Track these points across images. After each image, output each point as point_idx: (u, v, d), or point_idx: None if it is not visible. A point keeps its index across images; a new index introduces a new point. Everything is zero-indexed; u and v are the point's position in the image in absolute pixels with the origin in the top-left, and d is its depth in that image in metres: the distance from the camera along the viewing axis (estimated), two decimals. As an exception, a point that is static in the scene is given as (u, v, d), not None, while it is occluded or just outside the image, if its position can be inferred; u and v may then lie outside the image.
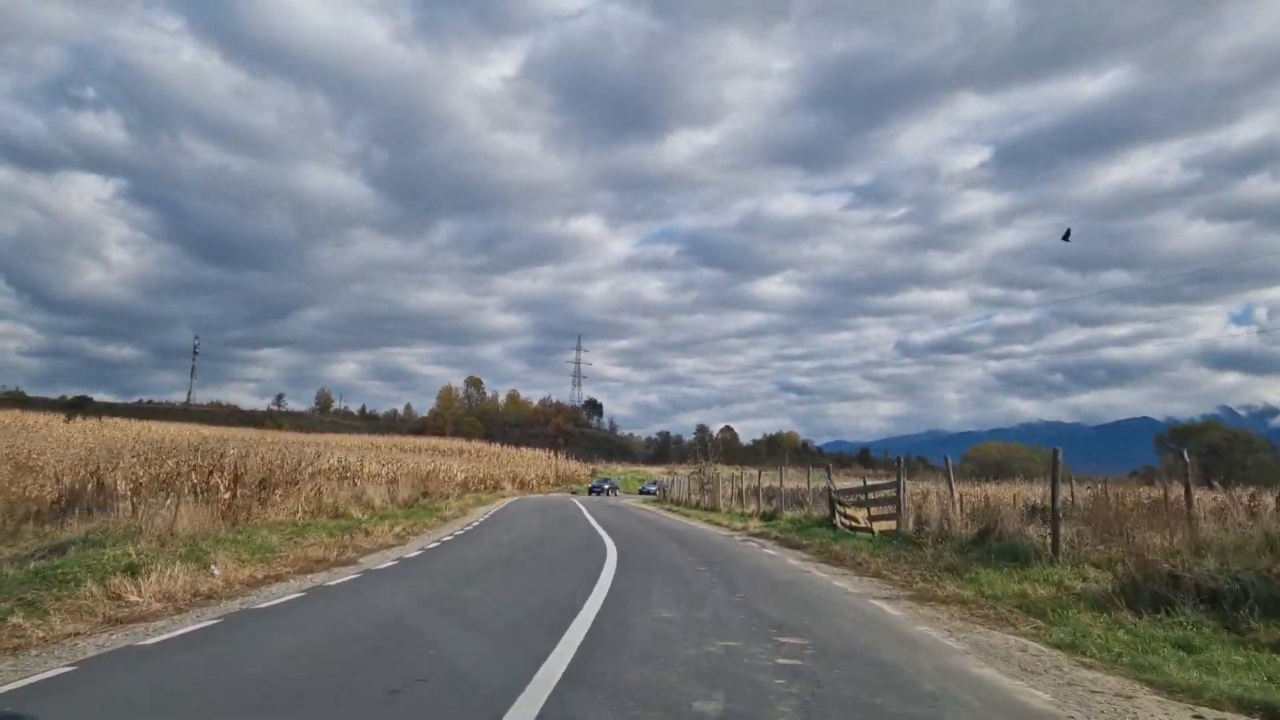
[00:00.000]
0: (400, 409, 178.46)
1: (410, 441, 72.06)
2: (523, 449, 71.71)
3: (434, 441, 69.63)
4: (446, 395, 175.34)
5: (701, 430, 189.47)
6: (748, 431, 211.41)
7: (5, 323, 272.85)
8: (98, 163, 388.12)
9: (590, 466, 78.31)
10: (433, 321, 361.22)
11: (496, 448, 70.93)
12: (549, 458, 68.59)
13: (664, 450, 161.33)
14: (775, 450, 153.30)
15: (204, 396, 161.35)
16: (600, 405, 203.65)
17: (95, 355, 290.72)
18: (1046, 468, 15.43)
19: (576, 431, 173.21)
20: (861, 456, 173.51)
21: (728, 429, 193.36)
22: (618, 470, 76.55)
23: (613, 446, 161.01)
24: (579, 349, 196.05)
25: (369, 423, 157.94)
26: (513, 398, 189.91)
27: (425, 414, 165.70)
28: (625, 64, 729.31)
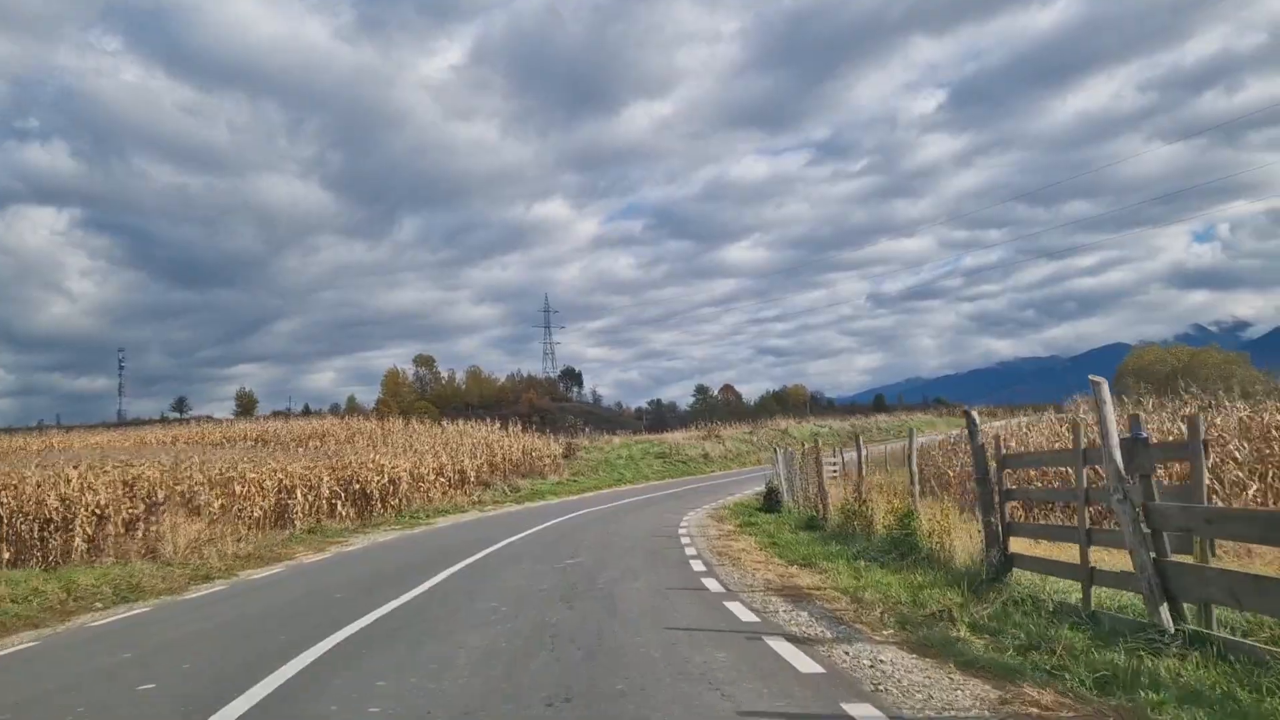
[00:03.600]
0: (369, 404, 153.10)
1: (251, 427, 46.95)
2: (475, 424, 47.05)
3: (298, 425, 44.29)
4: (392, 380, 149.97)
5: (702, 391, 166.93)
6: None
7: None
8: (50, 194, 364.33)
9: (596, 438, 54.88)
10: (406, 321, 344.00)
11: (424, 426, 46.04)
12: (515, 436, 43.65)
13: (660, 418, 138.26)
14: (784, 406, 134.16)
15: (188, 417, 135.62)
16: (579, 375, 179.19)
17: (68, 389, 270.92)
18: None
19: (555, 407, 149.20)
20: (877, 403, 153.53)
21: (728, 388, 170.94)
22: (615, 443, 51.27)
23: (599, 419, 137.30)
24: (547, 311, 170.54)
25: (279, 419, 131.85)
26: (474, 375, 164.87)
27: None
28: (575, 40, 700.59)
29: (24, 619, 10.80)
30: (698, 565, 12.74)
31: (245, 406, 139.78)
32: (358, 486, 26.46)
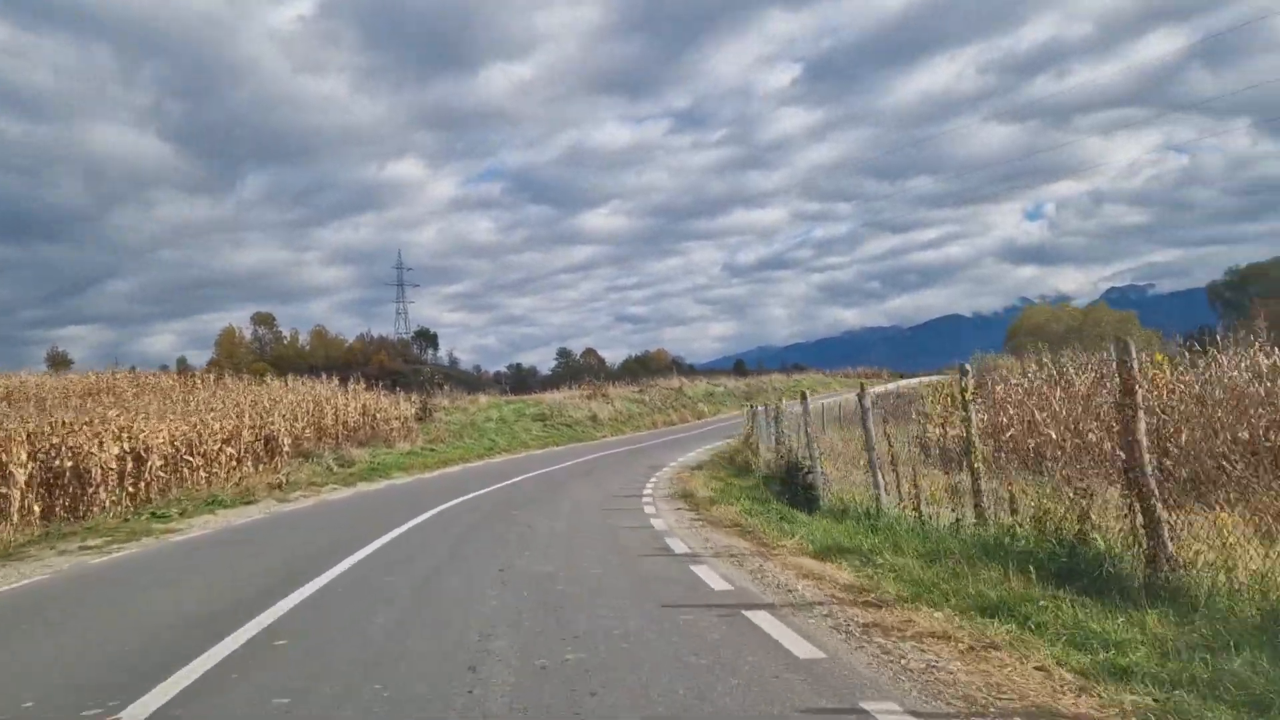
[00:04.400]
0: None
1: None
2: (305, 381, 36.27)
3: (72, 381, 32.61)
4: (228, 339, 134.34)
5: (564, 355, 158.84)
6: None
7: None
8: None
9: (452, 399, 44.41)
10: (253, 282, 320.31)
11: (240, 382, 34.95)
12: (354, 394, 33.07)
13: (522, 382, 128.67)
14: (647, 370, 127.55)
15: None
16: (435, 336, 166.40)
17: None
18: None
19: (408, 369, 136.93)
20: (737, 368, 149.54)
21: (591, 352, 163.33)
22: (482, 402, 41.42)
23: (458, 382, 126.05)
24: (400, 268, 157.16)
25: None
26: (319, 336, 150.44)
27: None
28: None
29: None
30: None
31: (57, 367, 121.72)
32: (69, 464, 16.05)
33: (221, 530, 14.25)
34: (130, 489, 17.16)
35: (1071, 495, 7.09)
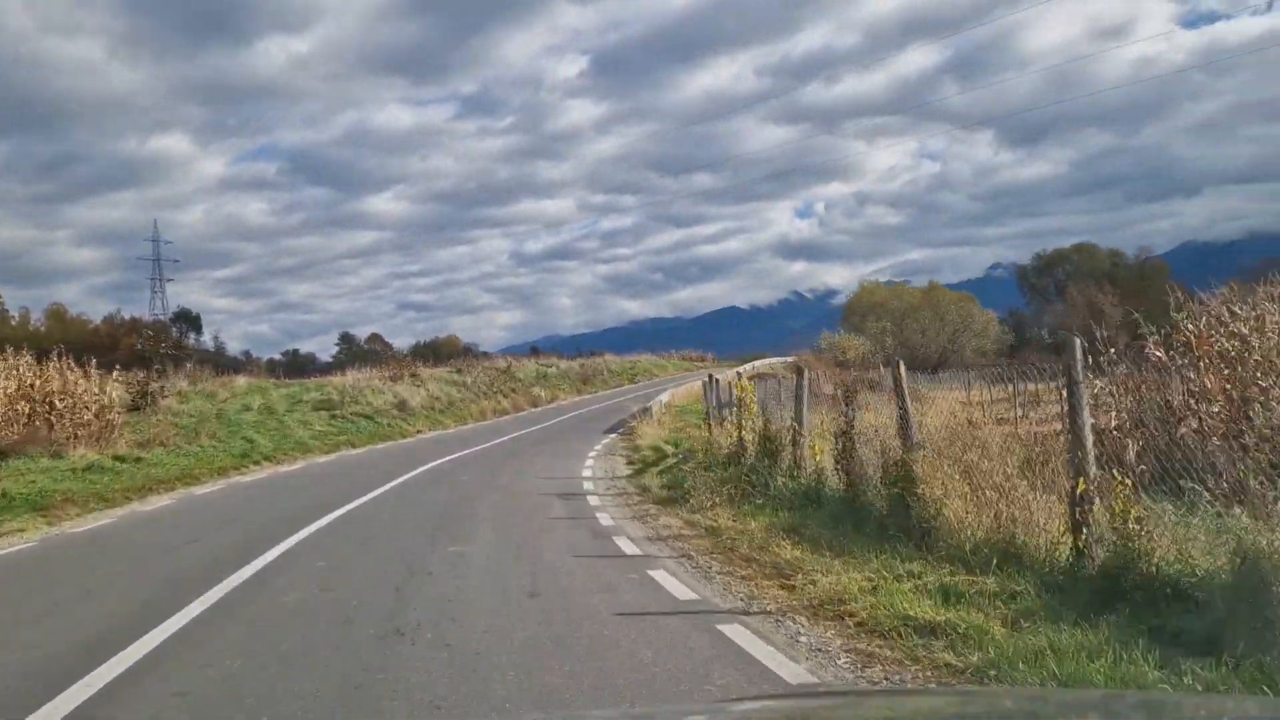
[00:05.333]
0: None
1: None
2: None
3: None
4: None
5: (347, 339, 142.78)
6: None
7: None
8: None
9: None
10: None
11: None
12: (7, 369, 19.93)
13: (300, 368, 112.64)
14: (438, 356, 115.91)
15: None
16: (198, 319, 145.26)
17: None
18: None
19: (166, 354, 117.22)
20: (533, 353, 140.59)
21: (376, 337, 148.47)
22: (239, 385, 28.48)
23: (222, 367, 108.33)
24: (156, 240, 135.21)
25: None
26: (56, 315, 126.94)
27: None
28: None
29: None
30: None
31: None
32: None
33: None
34: None
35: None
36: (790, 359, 58.86)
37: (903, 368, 8.25)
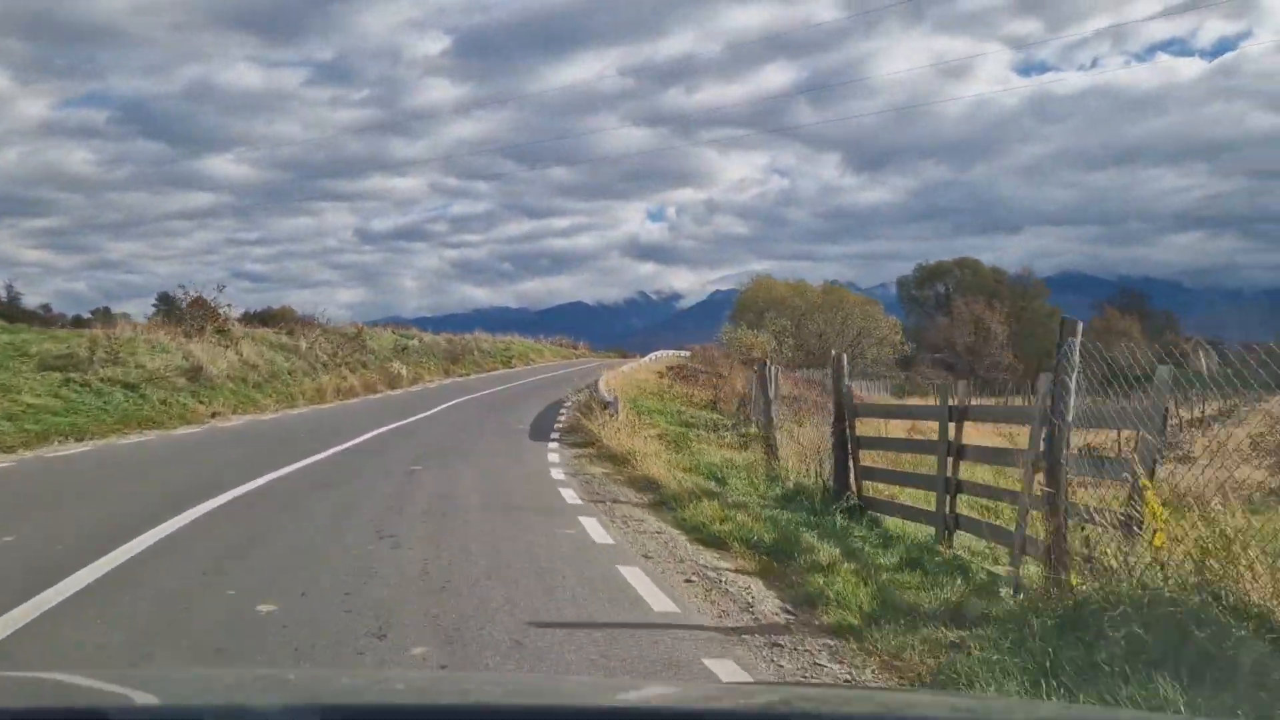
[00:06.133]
0: None
1: None
2: None
3: None
4: None
5: (166, 300, 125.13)
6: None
7: None
8: None
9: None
10: None
11: None
12: None
13: (109, 318, 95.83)
14: (272, 325, 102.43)
15: None
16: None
17: None
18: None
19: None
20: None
21: (201, 300, 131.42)
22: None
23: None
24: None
25: None
26: None
27: None
28: None
29: None
30: None
31: None
32: None
33: None
34: None
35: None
36: (686, 353, 53.46)
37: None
